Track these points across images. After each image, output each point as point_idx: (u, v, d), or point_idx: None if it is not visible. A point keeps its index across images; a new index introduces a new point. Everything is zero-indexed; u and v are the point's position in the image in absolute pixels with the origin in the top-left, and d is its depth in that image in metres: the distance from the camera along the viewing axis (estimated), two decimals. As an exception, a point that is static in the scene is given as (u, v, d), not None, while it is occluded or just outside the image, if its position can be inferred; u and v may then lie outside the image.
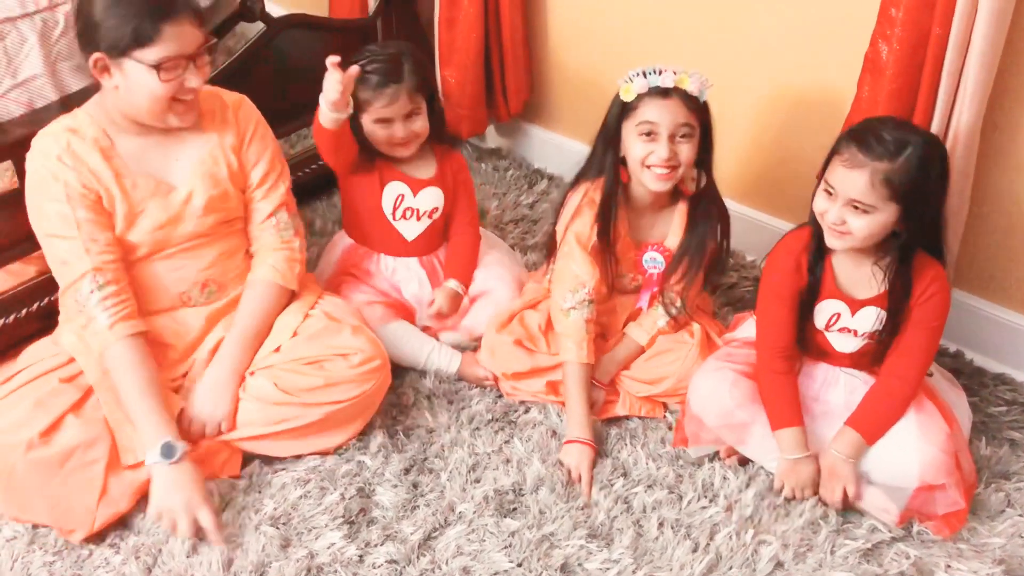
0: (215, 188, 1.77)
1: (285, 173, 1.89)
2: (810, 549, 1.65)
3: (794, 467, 1.72)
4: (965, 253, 2.00)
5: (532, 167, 2.76)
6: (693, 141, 1.81)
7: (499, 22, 2.51)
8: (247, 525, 1.66)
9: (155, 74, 1.61)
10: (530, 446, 1.85)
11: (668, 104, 1.78)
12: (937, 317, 1.69)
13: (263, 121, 1.86)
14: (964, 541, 1.68)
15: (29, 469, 1.59)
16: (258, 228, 1.87)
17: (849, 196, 1.58)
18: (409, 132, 1.97)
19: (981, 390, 2.00)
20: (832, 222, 1.62)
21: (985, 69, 1.71)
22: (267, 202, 1.85)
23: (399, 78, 1.92)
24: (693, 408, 1.79)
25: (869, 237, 1.61)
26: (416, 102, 1.95)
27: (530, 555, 1.63)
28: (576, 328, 1.85)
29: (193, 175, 1.76)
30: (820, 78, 2.10)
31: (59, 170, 1.66)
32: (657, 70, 1.78)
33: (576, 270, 1.88)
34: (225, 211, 1.80)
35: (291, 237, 1.88)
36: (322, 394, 1.74)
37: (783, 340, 1.75)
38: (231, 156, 1.79)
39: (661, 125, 1.78)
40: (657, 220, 1.93)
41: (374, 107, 1.93)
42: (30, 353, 1.77)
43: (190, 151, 1.76)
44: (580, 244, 1.88)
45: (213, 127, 1.78)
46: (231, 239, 1.84)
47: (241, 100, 1.85)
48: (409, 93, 1.93)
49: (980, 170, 1.88)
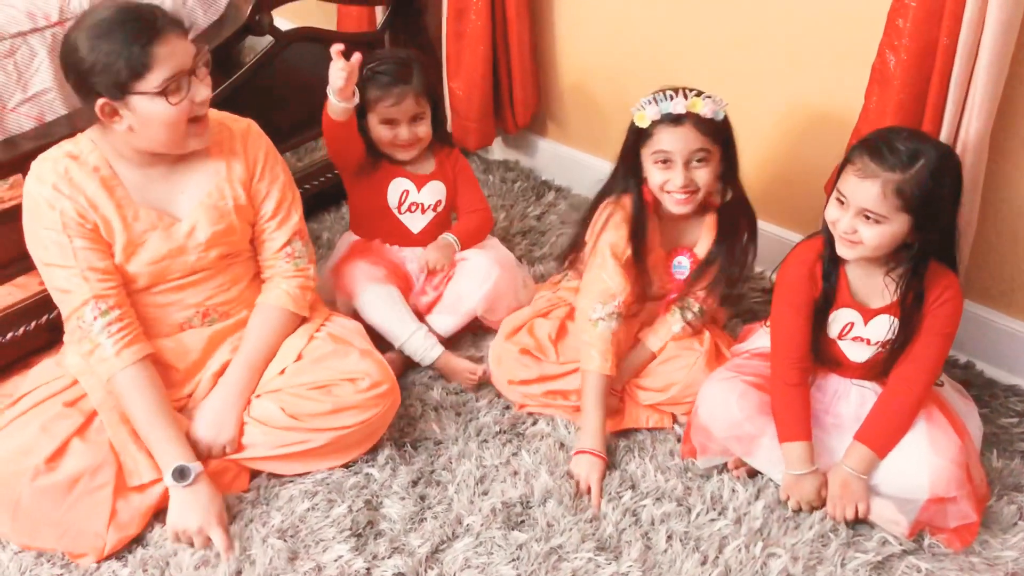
0: (220, 223, 1.74)
1: (297, 201, 1.86)
2: (820, 562, 1.64)
3: (797, 482, 1.71)
4: (976, 263, 1.99)
5: (539, 179, 2.76)
6: (710, 164, 1.81)
7: (506, 35, 2.51)
8: (255, 538, 1.66)
9: (163, 100, 1.57)
10: (538, 458, 1.84)
11: (681, 131, 1.77)
12: (949, 324, 1.68)
13: (272, 149, 1.83)
14: (976, 554, 1.66)
15: (36, 497, 1.58)
16: (272, 258, 1.84)
17: (861, 206, 1.58)
18: (412, 135, 2.03)
19: (992, 402, 1.99)
20: (843, 231, 1.61)
21: (993, 79, 1.70)
22: (281, 232, 1.82)
23: (408, 79, 2.00)
24: (701, 419, 1.78)
25: (880, 247, 1.61)
26: (422, 106, 2.03)
27: (538, 568, 1.62)
28: (602, 339, 1.85)
29: (198, 208, 1.72)
30: (828, 89, 2.10)
31: (54, 199, 1.63)
32: (669, 95, 1.77)
33: (608, 282, 1.87)
34: (228, 245, 1.77)
35: (305, 265, 1.86)
36: (329, 420, 1.73)
37: (798, 350, 1.74)
38: (239, 190, 1.76)
39: (675, 153, 1.78)
40: (688, 227, 1.94)
41: (381, 106, 2.00)
42: (35, 375, 1.77)
43: (196, 183, 1.73)
44: (615, 256, 1.88)
45: (221, 158, 1.75)
46: (234, 269, 1.81)
47: (248, 128, 1.81)
48: (416, 96, 2.01)
49: (989, 180, 1.87)
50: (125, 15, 1.57)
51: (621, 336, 1.94)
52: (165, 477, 1.64)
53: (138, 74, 1.55)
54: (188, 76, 1.60)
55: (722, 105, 1.79)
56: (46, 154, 1.69)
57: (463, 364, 2.02)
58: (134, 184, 1.69)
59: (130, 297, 1.73)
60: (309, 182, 2.48)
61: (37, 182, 1.65)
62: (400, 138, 2.03)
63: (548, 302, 2.06)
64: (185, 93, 1.60)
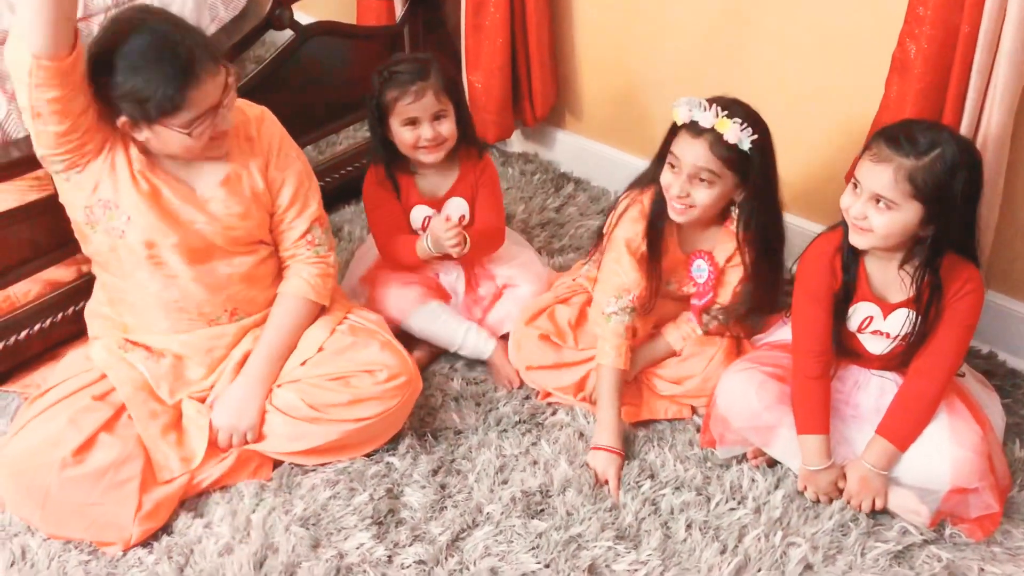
0: (239, 205, 1.74)
1: (315, 188, 1.86)
2: (840, 551, 1.64)
3: (814, 476, 1.72)
4: (997, 252, 1.98)
5: (559, 171, 2.77)
6: (716, 188, 1.75)
7: (525, 27, 2.52)
8: (277, 526, 1.68)
9: (186, 135, 1.60)
10: (557, 448, 1.85)
11: (695, 144, 1.73)
12: (969, 317, 1.67)
13: (286, 136, 1.83)
14: (997, 544, 1.66)
15: (64, 488, 1.61)
16: (292, 246, 1.84)
17: (873, 190, 1.57)
18: (436, 134, 1.97)
19: (1015, 391, 1.98)
20: (854, 216, 1.61)
21: (1015, 68, 1.69)
22: (301, 220, 1.83)
23: (426, 76, 1.95)
24: (720, 409, 1.78)
25: (889, 236, 1.60)
26: (443, 103, 1.97)
27: (558, 556, 1.63)
28: (615, 333, 1.85)
29: (218, 189, 1.73)
30: (848, 78, 2.09)
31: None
32: (704, 104, 1.71)
33: (623, 276, 1.86)
34: (244, 230, 1.77)
35: (326, 252, 1.87)
36: (348, 411, 1.74)
37: (820, 343, 1.73)
38: (256, 177, 1.76)
39: (683, 162, 1.74)
40: (707, 232, 1.90)
41: (401, 104, 1.94)
42: (63, 367, 1.80)
43: (214, 167, 1.73)
44: (629, 250, 1.86)
45: (237, 144, 1.75)
46: (255, 266, 1.81)
47: (263, 115, 1.81)
48: (436, 92, 1.95)
49: (1011, 169, 1.85)
50: (164, 48, 1.55)
51: (638, 327, 1.94)
52: None
53: (167, 114, 1.57)
54: (215, 111, 1.61)
55: (749, 136, 1.70)
56: None
57: (507, 370, 2.02)
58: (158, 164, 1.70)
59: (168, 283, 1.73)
60: (330, 175, 2.49)
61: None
62: (424, 138, 1.97)
63: (568, 288, 2.06)
64: (207, 125, 1.61)
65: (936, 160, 1.53)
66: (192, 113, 1.58)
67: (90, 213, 1.68)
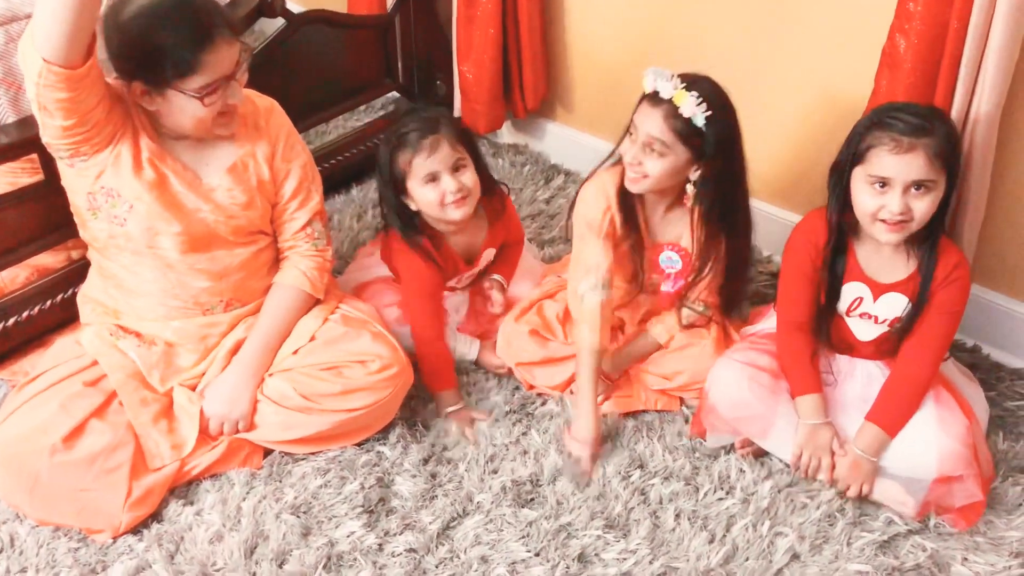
0: (244, 194, 1.75)
1: (318, 182, 1.86)
2: (826, 541, 1.66)
3: (814, 432, 1.73)
4: (983, 247, 2.00)
5: (549, 162, 2.77)
6: (666, 159, 1.72)
7: (517, 18, 2.52)
8: (268, 514, 1.68)
9: (199, 101, 1.59)
10: (547, 437, 1.86)
11: (651, 114, 1.71)
12: (958, 302, 1.69)
13: (293, 129, 1.83)
14: (981, 534, 1.68)
15: (54, 474, 1.60)
16: (292, 238, 1.85)
17: (912, 178, 1.57)
18: (460, 184, 1.87)
19: (998, 385, 2.00)
20: (895, 213, 1.59)
21: (1004, 62, 1.70)
22: (302, 212, 1.83)
23: (437, 129, 1.87)
24: (710, 399, 1.80)
25: (928, 217, 1.61)
26: (460, 152, 1.89)
27: (547, 545, 1.64)
28: (590, 312, 1.83)
29: (225, 177, 1.74)
30: (838, 73, 2.10)
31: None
32: (670, 75, 1.70)
33: (588, 254, 1.86)
34: (247, 219, 1.77)
35: (324, 247, 1.88)
36: (339, 401, 1.74)
37: (802, 314, 1.76)
38: (263, 166, 1.76)
39: (639, 131, 1.74)
40: (670, 220, 1.90)
41: (418, 161, 1.85)
42: (54, 353, 1.79)
43: (222, 155, 1.74)
44: (592, 229, 1.86)
45: (246, 133, 1.76)
46: (254, 255, 1.81)
47: (272, 106, 1.82)
48: (451, 143, 1.87)
49: (998, 164, 1.87)
50: (182, 9, 1.54)
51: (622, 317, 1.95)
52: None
53: (182, 76, 1.56)
54: (227, 81, 1.61)
55: (704, 111, 1.67)
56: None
57: (494, 363, 2.03)
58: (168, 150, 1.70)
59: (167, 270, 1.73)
60: (320, 165, 2.47)
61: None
62: (449, 191, 1.86)
63: (556, 284, 2.07)
64: (220, 96, 1.61)
65: (942, 130, 1.58)
66: (206, 78, 1.57)
67: (92, 200, 1.67)
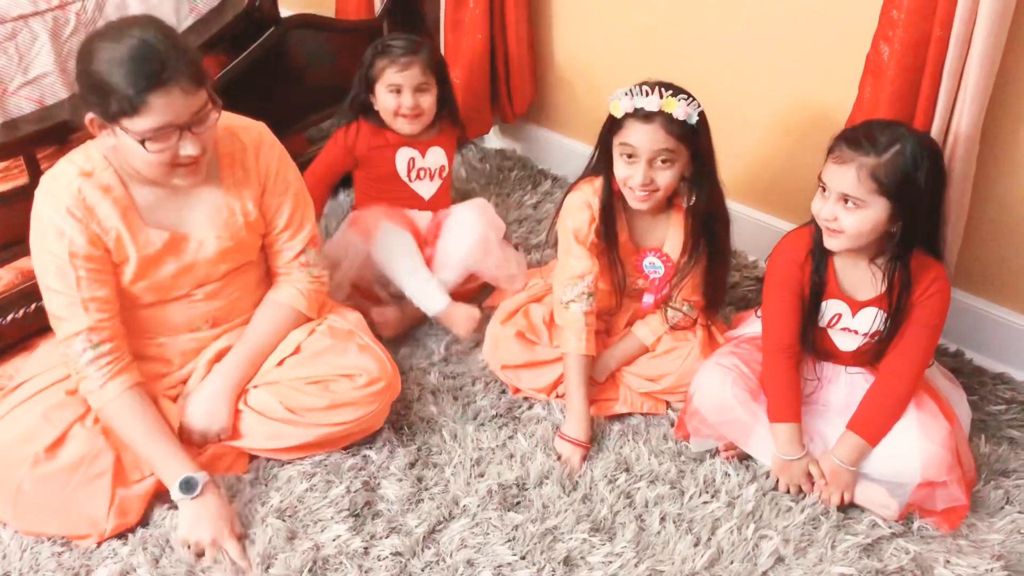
0: (231, 239, 1.72)
1: (309, 209, 1.84)
2: (811, 544, 1.67)
3: (787, 465, 1.74)
4: (966, 253, 2.02)
5: (536, 168, 2.78)
6: (675, 166, 1.78)
7: (504, 24, 2.53)
8: (254, 518, 1.68)
9: (140, 144, 1.52)
10: (533, 441, 1.86)
11: (649, 129, 1.74)
12: (937, 315, 1.71)
13: (284, 156, 1.79)
14: (963, 537, 1.69)
15: (37, 484, 1.59)
16: (286, 267, 1.83)
17: (839, 190, 1.61)
18: (416, 104, 2.12)
19: (981, 389, 2.02)
20: (825, 219, 1.65)
21: (985, 71, 1.72)
22: (295, 242, 1.81)
23: (417, 52, 2.12)
24: (694, 403, 1.81)
25: (860, 235, 1.63)
26: (428, 78, 2.13)
27: (533, 548, 1.65)
28: (575, 320, 1.87)
29: (207, 225, 1.70)
30: (822, 80, 2.12)
31: (65, 225, 1.59)
32: (645, 90, 1.74)
33: (574, 264, 1.89)
34: (238, 259, 1.76)
35: (320, 273, 1.86)
36: (325, 415, 1.73)
37: (788, 336, 1.76)
38: (249, 206, 1.73)
39: (640, 149, 1.76)
40: (655, 225, 1.93)
41: (389, 72, 2.10)
42: (37, 359, 1.78)
43: (205, 199, 1.70)
44: (578, 239, 1.90)
45: (231, 174, 1.71)
46: (244, 277, 1.81)
47: (260, 140, 1.76)
48: (423, 68, 2.11)
49: (981, 171, 1.89)
50: (140, 51, 1.48)
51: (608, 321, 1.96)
52: (173, 492, 1.63)
53: (125, 114, 1.50)
54: (179, 131, 1.53)
55: (696, 108, 1.74)
56: (58, 171, 1.62)
57: (463, 308, 2.07)
58: (145, 203, 1.65)
59: (138, 310, 1.71)
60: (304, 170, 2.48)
61: (48, 204, 1.60)
62: (404, 106, 2.11)
63: (542, 287, 2.08)
64: (170, 146, 1.54)
65: (897, 155, 1.58)
66: (151, 122, 1.50)
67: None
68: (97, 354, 1.63)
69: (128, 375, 1.66)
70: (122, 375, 1.65)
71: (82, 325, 1.62)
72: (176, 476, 1.63)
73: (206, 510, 1.63)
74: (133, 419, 1.64)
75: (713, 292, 1.95)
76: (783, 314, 1.76)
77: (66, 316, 1.63)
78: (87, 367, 1.63)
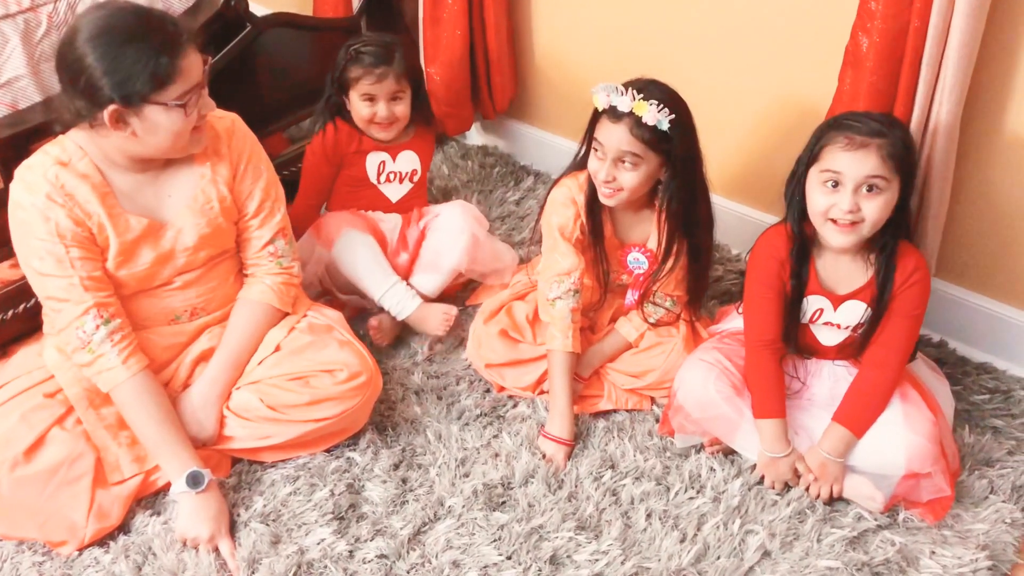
0: (208, 226, 1.72)
1: (281, 199, 1.83)
2: (797, 538, 1.67)
3: (773, 463, 1.74)
4: (947, 243, 2.02)
5: (518, 164, 2.77)
6: (640, 170, 1.76)
7: (483, 19, 2.51)
8: (237, 522, 1.67)
9: (180, 111, 1.55)
10: (519, 440, 1.86)
11: (616, 129, 1.74)
12: (918, 306, 1.71)
13: (256, 146, 1.80)
14: (948, 528, 1.70)
15: (15, 488, 1.58)
16: (255, 256, 1.82)
17: (864, 174, 1.58)
18: (390, 113, 2.11)
19: (964, 379, 2.02)
20: (846, 211, 1.60)
21: (963, 61, 1.72)
22: (264, 230, 1.80)
23: (390, 61, 2.08)
24: (678, 399, 1.80)
25: (880, 221, 1.62)
26: (402, 86, 2.11)
27: (519, 547, 1.64)
28: (561, 317, 1.86)
29: (185, 212, 1.70)
30: (802, 72, 2.11)
31: (48, 209, 1.57)
32: (621, 89, 1.73)
33: (560, 261, 1.89)
34: (216, 246, 1.75)
35: (290, 263, 1.84)
36: (307, 411, 1.72)
37: (770, 332, 1.76)
38: (224, 190, 1.73)
39: (607, 148, 1.76)
40: (639, 220, 1.93)
41: (363, 83, 2.08)
42: (15, 364, 1.76)
43: (182, 186, 1.70)
44: (563, 235, 1.89)
45: (206, 159, 1.72)
46: (221, 267, 1.80)
47: (232, 127, 1.77)
48: (397, 77, 2.09)
49: (961, 161, 1.89)
50: (146, 24, 1.52)
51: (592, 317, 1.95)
52: (176, 484, 1.63)
53: (161, 85, 1.52)
54: (200, 88, 1.59)
55: (667, 116, 1.70)
56: (33, 161, 1.62)
57: (437, 307, 2.06)
58: (123, 191, 1.65)
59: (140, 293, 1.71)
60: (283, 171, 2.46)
61: (27, 192, 1.59)
62: (378, 116, 2.10)
63: (525, 285, 2.08)
64: (196, 106, 1.59)
65: (898, 134, 1.60)
66: (183, 86, 1.54)
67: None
68: (111, 329, 1.63)
69: (142, 355, 1.67)
70: (138, 353, 1.66)
71: (89, 301, 1.61)
72: (184, 468, 1.63)
73: (208, 507, 1.63)
74: (152, 401, 1.65)
75: (695, 287, 1.95)
76: (765, 311, 1.76)
77: (67, 297, 1.61)
78: (102, 344, 1.62)
